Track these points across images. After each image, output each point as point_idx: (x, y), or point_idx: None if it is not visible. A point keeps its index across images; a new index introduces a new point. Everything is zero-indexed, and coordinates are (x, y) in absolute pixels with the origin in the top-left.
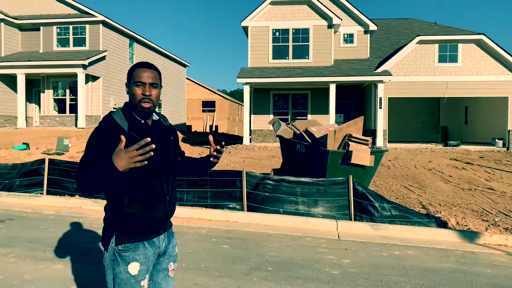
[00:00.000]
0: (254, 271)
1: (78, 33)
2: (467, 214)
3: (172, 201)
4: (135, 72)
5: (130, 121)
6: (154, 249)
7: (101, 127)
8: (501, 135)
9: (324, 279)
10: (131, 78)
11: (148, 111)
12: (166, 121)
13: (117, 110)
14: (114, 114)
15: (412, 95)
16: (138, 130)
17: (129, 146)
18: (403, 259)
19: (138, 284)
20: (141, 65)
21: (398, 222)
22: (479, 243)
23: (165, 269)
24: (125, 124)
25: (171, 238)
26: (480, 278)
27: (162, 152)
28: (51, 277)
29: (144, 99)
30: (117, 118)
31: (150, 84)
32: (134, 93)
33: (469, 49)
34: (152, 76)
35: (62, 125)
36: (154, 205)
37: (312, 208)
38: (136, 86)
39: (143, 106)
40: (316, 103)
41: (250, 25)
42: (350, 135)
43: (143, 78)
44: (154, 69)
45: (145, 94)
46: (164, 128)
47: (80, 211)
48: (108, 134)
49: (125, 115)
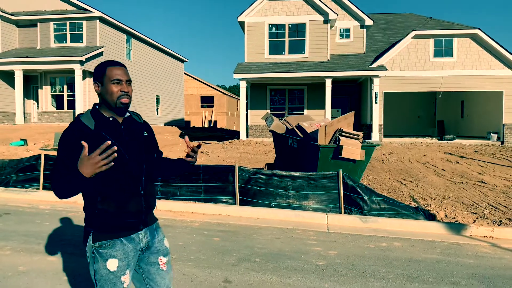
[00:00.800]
0: (243, 262)
1: (75, 29)
2: (457, 207)
3: (148, 196)
4: (109, 70)
5: (97, 119)
6: (134, 245)
7: (67, 131)
8: (496, 129)
9: (310, 269)
10: (103, 77)
11: (126, 106)
12: (140, 118)
13: (86, 112)
14: (81, 116)
15: (408, 89)
16: (106, 127)
17: (96, 144)
18: (389, 250)
19: (118, 280)
20: (113, 63)
21: (386, 214)
22: (465, 235)
23: (155, 263)
24: (91, 123)
25: (155, 234)
26: (462, 268)
27: (134, 148)
28: (44, 269)
29: (123, 95)
30: (84, 118)
31: (126, 81)
32: (111, 91)
33: (464, 44)
34: (126, 73)
35: (60, 121)
36: (127, 201)
37: (303, 202)
38: (113, 84)
39: (122, 102)
40: (313, 98)
41: (246, 20)
42: (340, 130)
43: (119, 75)
44: (125, 67)
45: (124, 90)
46: (137, 124)
47: (76, 206)
48: (74, 136)
49: (92, 115)
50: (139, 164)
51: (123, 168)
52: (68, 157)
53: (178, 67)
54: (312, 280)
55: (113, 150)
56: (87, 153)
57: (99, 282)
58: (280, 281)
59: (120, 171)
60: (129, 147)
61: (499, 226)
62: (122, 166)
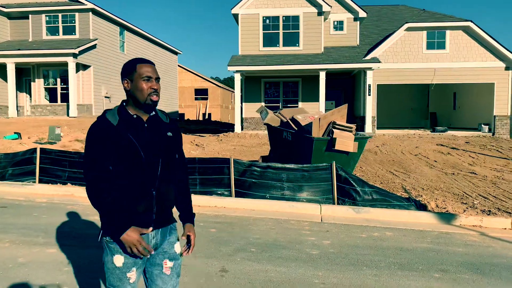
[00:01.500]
0: (238, 252)
1: (67, 21)
2: (448, 198)
3: (162, 198)
4: (140, 67)
5: (121, 116)
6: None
7: (92, 127)
8: (487, 121)
9: (304, 258)
10: (133, 73)
11: (155, 104)
12: (167, 117)
13: (114, 108)
14: (107, 112)
15: (401, 81)
16: (128, 125)
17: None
18: (381, 240)
19: (124, 275)
20: (143, 60)
21: (379, 205)
22: (455, 224)
23: (158, 265)
24: (115, 120)
25: (167, 235)
26: (451, 256)
27: (153, 148)
28: (44, 261)
29: (153, 92)
30: (109, 115)
31: (156, 78)
32: (141, 87)
33: (456, 36)
34: (156, 71)
35: (53, 114)
36: (135, 201)
37: (297, 193)
38: (144, 81)
39: (152, 99)
40: (307, 90)
41: (240, 12)
42: (334, 123)
43: (150, 73)
44: (154, 65)
45: (154, 88)
46: (162, 124)
47: (73, 198)
48: (99, 133)
49: (118, 111)
50: (155, 165)
51: (138, 167)
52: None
53: (172, 60)
54: (306, 269)
55: (146, 255)
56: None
57: (106, 274)
58: (275, 269)
59: (135, 170)
60: (147, 147)
61: (488, 216)
62: (137, 166)
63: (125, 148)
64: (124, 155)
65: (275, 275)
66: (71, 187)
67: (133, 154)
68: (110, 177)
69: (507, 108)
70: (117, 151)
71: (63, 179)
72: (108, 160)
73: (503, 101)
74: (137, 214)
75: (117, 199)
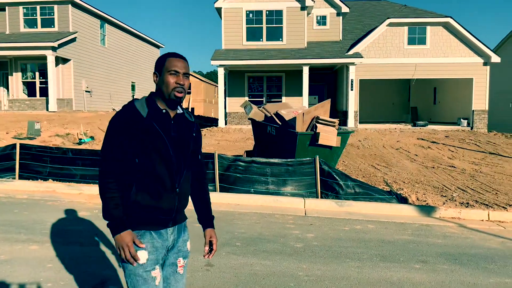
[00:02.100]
0: (224, 246)
1: (46, 13)
2: (428, 191)
3: (182, 195)
4: (168, 61)
5: (150, 109)
6: (162, 241)
7: (119, 115)
8: (466, 115)
9: (288, 252)
10: (162, 67)
11: (180, 100)
12: (192, 117)
13: (142, 98)
14: (136, 101)
15: (382, 76)
16: (157, 118)
17: (146, 133)
18: (363, 232)
19: (149, 275)
20: (174, 54)
21: (361, 199)
22: (435, 216)
23: (173, 264)
24: (144, 111)
25: (181, 233)
26: (431, 248)
27: (179, 145)
28: (27, 257)
29: (178, 87)
30: (138, 104)
31: (184, 74)
32: (167, 81)
33: (437, 32)
34: (185, 66)
35: (32, 109)
36: (160, 197)
37: (281, 188)
38: (170, 75)
39: (176, 95)
40: (291, 85)
41: (223, 6)
42: (317, 117)
43: (178, 67)
44: (186, 61)
45: (179, 83)
46: (187, 123)
47: (54, 194)
48: (127, 122)
49: (147, 102)
50: (181, 162)
51: (165, 163)
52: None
53: (154, 53)
54: (291, 262)
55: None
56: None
57: (129, 279)
58: (260, 263)
59: (162, 166)
60: (175, 144)
61: (466, 208)
62: (164, 161)
63: (154, 142)
64: (152, 149)
65: (260, 269)
66: (52, 183)
67: (162, 149)
68: (132, 171)
69: (485, 103)
70: (143, 144)
71: (44, 175)
72: (132, 153)
73: (481, 96)
74: (160, 210)
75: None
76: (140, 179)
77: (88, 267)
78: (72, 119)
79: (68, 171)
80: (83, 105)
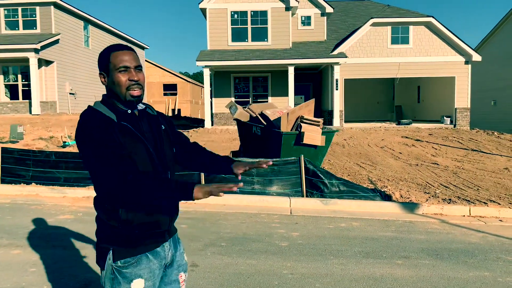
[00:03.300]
0: (209, 247)
1: (28, 15)
2: (412, 188)
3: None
4: (114, 56)
5: (115, 112)
6: (160, 261)
7: (91, 119)
8: (449, 113)
9: (273, 250)
10: (108, 64)
11: (138, 99)
12: (153, 110)
13: (96, 103)
14: (96, 106)
15: (367, 76)
16: (127, 121)
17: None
18: (347, 230)
19: None
20: (118, 47)
21: (346, 197)
22: (418, 213)
23: (175, 281)
24: (113, 115)
25: (177, 245)
26: (413, 243)
27: (156, 145)
28: (10, 262)
29: (133, 85)
30: (101, 109)
31: (135, 67)
32: (118, 80)
33: (419, 31)
34: (134, 58)
35: (15, 112)
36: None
37: (267, 187)
38: (120, 73)
39: (132, 94)
40: (277, 85)
41: (208, 7)
42: (302, 117)
43: (126, 62)
44: (133, 51)
45: (133, 79)
46: (152, 118)
47: (37, 198)
48: (102, 124)
49: (107, 107)
50: (163, 164)
51: (150, 167)
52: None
53: (139, 55)
54: (275, 260)
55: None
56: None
57: None
58: (245, 262)
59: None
60: (154, 144)
61: (448, 204)
62: (148, 165)
63: (135, 147)
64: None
65: (245, 268)
66: (35, 187)
67: (144, 152)
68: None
69: (467, 101)
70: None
71: (27, 178)
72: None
73: (463, 94)
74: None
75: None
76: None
77: (72, 270)
78: (56, 122)
79: (52, 174)
80: (67, 107)
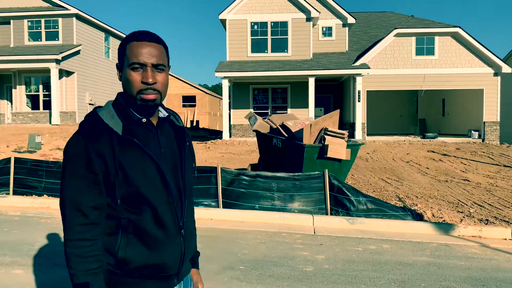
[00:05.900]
0: (226, 270)
1: (50, 26)
2: (443, 206)
3: (188, 236)
4: (130, 48)
5: (125, 120)
6: None
7: (80, 137)
8: (477, 127)
9: (297, 276)
10: (123, 57)
11: (152, 104)
12: (180, 120)
13: (106, 105)
14: (101, 111)
15: (390, 88)
16: (137, 132)
17: (126, 152)
18: (378, 253)
19: None
20: (139, 35)
21: (374, 215)
22: (454, 235)
23: None
24: (118, 126)
25: (188, 286)
26: (454, 271)
27: (173, 166)
28: (8, 284)
29: (146, 89)
30: (106, 117)
31: (154, 65)
32: (129, 80)
33: (445, 42)
34: (155, 53)
35: (35, 122)
36: (162, 246)
37: (288, 203)
38: (132, 70)
39: (144, 98)
40: (296, 96)
41: (228, 18)
42: (326, 129)
43: (143, 56)
44: (157, 42)
45: (147, 81)
46: (177, 130)
47: (48, 211)
48: (91, 146)
49: (118, 111)
50: (179, 189)
51: (161, 195)
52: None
53: None
54: None
55: None
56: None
57: None
58: None
59: (158, 199)
60: (169, 164)
61: (486, 225)
62: (160, 192)
63: (142, 168)
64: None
65: None
66: (47, 199)
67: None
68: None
69: (497, 114)
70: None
71: (39, 190)
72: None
73: (492, 107)
74: (161, 267)
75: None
76: (127, 225)
77: None
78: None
79: None
80: None
